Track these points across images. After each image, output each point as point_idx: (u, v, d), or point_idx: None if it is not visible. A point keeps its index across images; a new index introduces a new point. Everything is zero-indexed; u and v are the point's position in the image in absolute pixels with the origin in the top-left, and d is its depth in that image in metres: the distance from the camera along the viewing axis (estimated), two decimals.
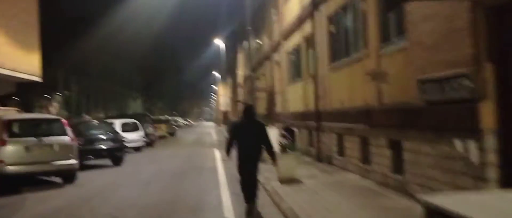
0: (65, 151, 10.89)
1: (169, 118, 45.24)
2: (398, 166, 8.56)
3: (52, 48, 25.04)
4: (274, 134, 17.97)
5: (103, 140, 14.93)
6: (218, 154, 18.42)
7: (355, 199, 8.07)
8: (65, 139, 11.04)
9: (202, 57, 79.28)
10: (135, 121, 22.35)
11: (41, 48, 18.58)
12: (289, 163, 10.52)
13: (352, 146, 11.06)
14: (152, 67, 52.42)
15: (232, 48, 54.61)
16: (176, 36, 78.03)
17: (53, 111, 46.50)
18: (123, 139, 15.82)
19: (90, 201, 8.91)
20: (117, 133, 16.00)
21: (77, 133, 14.25)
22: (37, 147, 10.49)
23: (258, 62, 28.19)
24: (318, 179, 10.52)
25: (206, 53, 75.27)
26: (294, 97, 18.04)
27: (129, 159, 17.48)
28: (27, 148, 10.35)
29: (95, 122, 17.66)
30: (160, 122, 34.17)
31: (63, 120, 11.63)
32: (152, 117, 36.44)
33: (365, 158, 10.24)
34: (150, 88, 59.88)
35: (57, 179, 11.67)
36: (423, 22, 7.16)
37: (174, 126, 40.59)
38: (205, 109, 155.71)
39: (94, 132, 15.17)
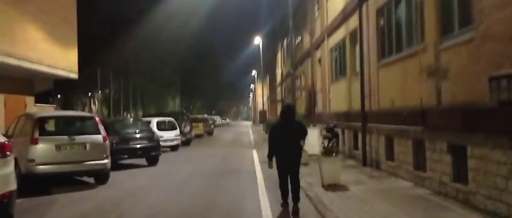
0: (97, 150, 10.40)
1: (207, 116, 44.96)
2: (460, 174, 7.56)
3: (92, 47, 25.08)
4: (315, 135, 17.15)
5: (138, 138, 14.47)
6: (256, 156, 17.70)
7: (411, 210, 7.13)
8: (98, 137, 10.55)
9: (241, 56, 78.92)
10: (172, 120, 21.92)
11: (80, 46, 18.40)
12: (333, 167, 9.65)
13: (404, 149, 10.07)
14: (191, 67, 52.33)
15: (271, 47, 54.02)
16: (215, 35, 78.26)
17: (94, 109, 47.10)
18: (159, 138, 15.31)
19: (120, 205, 8.33)
20: (153, 131, 15.52)
21: (112, 131, 13.89)
22: (69, 145, 10.05)
23: (298, 61, 27.32)
24: (365, 186, 9.59)
25: (245, 52, 74.85)
26: (337, 97, 17.10)
27: (165, 158, 17.00)
28: (58, 147, 9.92)
29: (131, 120, 17.28)
30: (198, 120, 33.77)
31: (97, 118, 11.15)
32: (189, 115, 36.21)
33: (419, 164, 9.24)
34: (189, 88, 60.00)
35: (90, 179, 11.24)
36: (498, 10, 6.15)
37: (212, 125, 40.19)
38: (242, 108, 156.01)
39: (129, 130, 14.73)
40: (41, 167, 9.59)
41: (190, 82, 57.05)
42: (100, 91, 37.44)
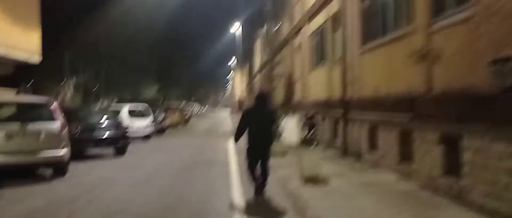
0: (53, 139, 9.39)
1: (183, 104, 43.80)
2: (452, 167, 6.85)
3: (58, 29, 23.68)
4: (293, 123, 16.39)
5: (104, 127, 13.44)
6: (231, 146, 16.87)
7: (401, 208, 6.39)
8: (54, 125, 9.53)
9: (219, 43, 77.52)
10: (144, 107, 20.87)
11: (44, 27, 17.11)
12: (313, 159, 8.86)
13: (388, 140, 9.36)
14: (167, 54, 50.91)
15: (249, 35, 52.95)
16: (192, 21, 76.26)
17: (69, 95, 45.34)
18: (127, 127, 14.31)
19: (74, 202, 7.38)
20: (120, 120, 14.50)
21: (75, 119, 12.88)
22: (21, 134, 9.01)
23: (277, 48, 26.43)
24: (348, 179, 8.84)
25: (224, 39, 73.53)
26: (317, 84, 16.34)
27: (135, 148, 16.04)
28: (8, 135, 8.89)
29: (98, 107, 16.22)
30: (173, 108, 32.69)
31: (54, 104, 10.09)
32: (164, 103, 35.13)
33: (405, 155, 8.52)
34: (166, 75, 58.56)
35: (48, 171, 10.23)
36: None
37: (188, 113, 39.12)
38: (221, 96, 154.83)
39: (94, 118, 13.68)
40: None
41: (168, 69, 55.66)
42: (75, 77, 35.83)
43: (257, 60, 47.25)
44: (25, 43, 15.59)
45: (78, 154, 12.61)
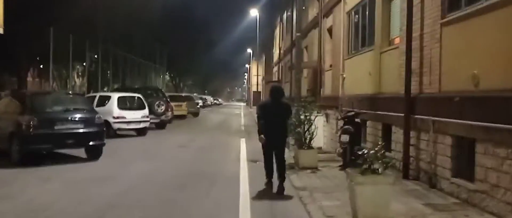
0: None
1: (193, 95, 40.22)
2: None
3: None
4: (320, 125, 12.72)
5: (69, 120, 9.87)
6: (244, 148, 13.25)
7: None
8: None
9: (236, 32, 73.73)
10: (139, 96, 17.32)
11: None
12: (379, 196, 5.20)
13: (498, 163, 5.63)
14: (179, 39, 47.32)
15: (268, 23, 49.24)
16: (207, 5, 71.88)
17: (78, 82, 42.04)
18: (102, 122, 10.68)
19: None
20: (95, 111, 10.90)
21: (29, 109, 9.44)
22: None
23: (302, 33, 22.63)
24: None
25: (241, 28, 69.85)
26: (356, 75, 12.57)
27: (120, 147, 12.67)
28: None
29: (63, 94, 12.74)
30: (180, 99, 29.08)
31: None
32: (170, 93, 31.72)
33: None
34: (178, 63, 55.05)
35: None
36: None
37: (198, 105, 35.52)
38: (237, 89, 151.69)
39: (56, 108, 10.05)
40: None
41: (180, 56, 52.19)
42: (85, 63, 32.34)
43: (276, 52, 43.54)
44: None
45: (29, 158, 9.18)
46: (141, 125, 16.60)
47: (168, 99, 22.19)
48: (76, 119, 9.97)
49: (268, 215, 5.96)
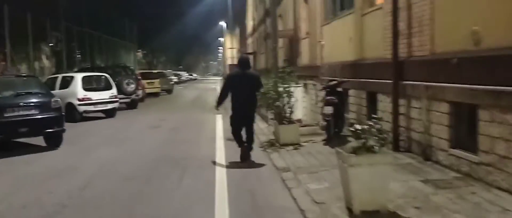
0: None
1: (166, 71, 38.86)
2: None
3: None
4: (300, 95, 11.96)
5: (21, 106, 8.80)
6: (221, 126, 12.39)
7: None
8: None
9: (206, 4, 71.68)
10: (105, 76, 16.17)
11: None
12: (378, 174, 4.44)
13: (507, 132, 4.92)
14: (147, 14, 45.64)
15: None
16: None
17: (47, 64, 40.04)
18: (60, 106, 9.62)
19: None
20: (51, 94, 9.81)
21: None
22: None
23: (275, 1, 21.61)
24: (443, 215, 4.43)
25: (212, 1, 67.87)
26: (335, 42, 11.76)
27: (84, 132, 11.61)
28: None
29: (12, 76, 11.59)
30: (152, 76, 27.86)
31: None
32: (142, 70, 30.48)
33: None
34: (149, 39, 53.50)
35: None
36: None
37: (171, 81, 34.27)
38: (212, 63, 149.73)
39: (6, 93, 8.93)
40: None
41: (150, 32, 50.59)
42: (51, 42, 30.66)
43: (250, 24, 42.31)
44: None
45: None
46: (109, 106, 15.52)
47: (139, 77, 21.05)
48: (30, 104, 8.91)
49: (248, 207, 5.15)
